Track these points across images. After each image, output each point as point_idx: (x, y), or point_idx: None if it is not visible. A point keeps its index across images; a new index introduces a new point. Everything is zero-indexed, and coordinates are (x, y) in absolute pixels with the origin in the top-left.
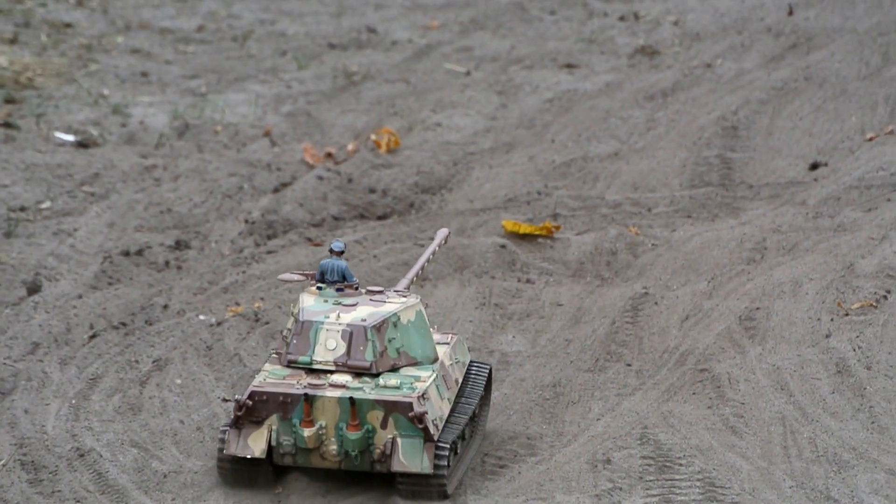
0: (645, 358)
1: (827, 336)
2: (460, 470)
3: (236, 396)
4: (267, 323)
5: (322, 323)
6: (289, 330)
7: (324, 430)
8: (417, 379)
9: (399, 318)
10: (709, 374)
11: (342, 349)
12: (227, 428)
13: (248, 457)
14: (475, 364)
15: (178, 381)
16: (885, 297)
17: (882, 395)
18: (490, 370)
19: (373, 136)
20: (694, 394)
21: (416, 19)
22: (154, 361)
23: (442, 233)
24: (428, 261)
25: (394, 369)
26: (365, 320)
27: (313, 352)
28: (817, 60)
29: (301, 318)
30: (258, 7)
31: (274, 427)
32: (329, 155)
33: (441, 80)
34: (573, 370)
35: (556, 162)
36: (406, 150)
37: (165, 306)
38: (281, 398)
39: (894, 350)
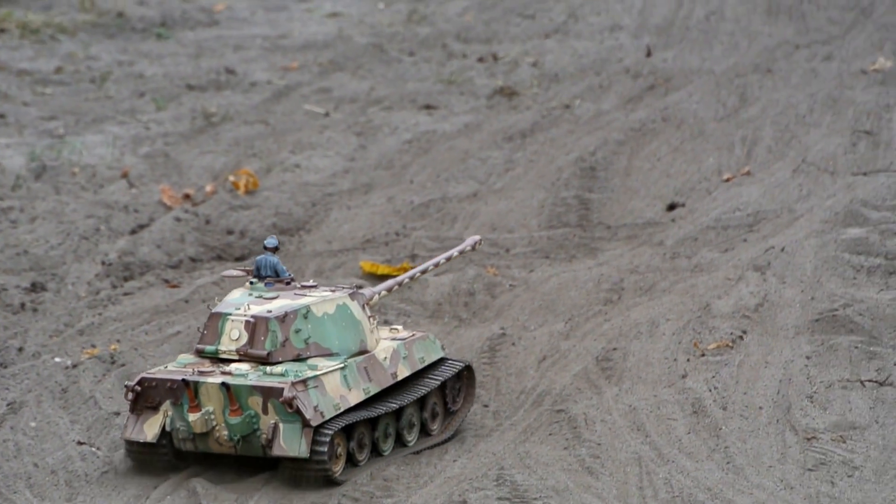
0: (502, 399)
1: (683, 376)
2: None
3: (126, 382)
4: (123, 365)
5: (230, 314)
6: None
7: (212, 416)
8: (314, 368)
9: (311, 311)
10: (565, 415)
11: (245, 339)
12: (129, 413)
13: (142, 441)
14: (449, 361)
15: (33, 424)
16: (741, 338)
17: (737, 436)
18: (466, 367)
19: (231, 178)
20: (550, 434)
21: (276, 60)
22: (8, 404)
23: (472, 239)
24: (437, 265)
25: (299, 359)
26: (270, 311)
27: (219, 342)
28: (675, 101)
29: (213, 310)
30: (116, 48)
31: (169, 413)
32: (187, 196)
33: (300, 121)
34: None
35: (415, 203)
36: (264, 191)
37: (20, 349)
38: (168, 384)
39: (749, 390)
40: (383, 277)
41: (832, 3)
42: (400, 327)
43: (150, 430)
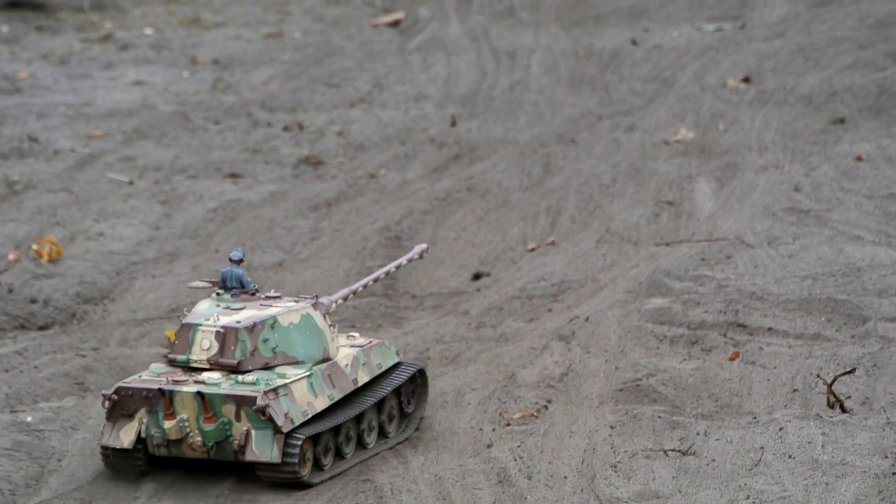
0: None
1: (489, 446)
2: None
3: (103, 391)
4: None
5: (200, 325)
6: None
7: (186, 423)
8: (283, 376)
9: (278, 320)
10: (371, 485)
11: (215, 348)
12: (105, 421)
13: (118, 447)
14: (403, 365)
15: None
16: (546, 407)
17: None
18: (419, 370)
19: (34, 246)
20: None
21: (79, 128)
22: None
23: (419, 247)
24: (388, 273)
25: (267, 367)
26: (239, 322)
27: (190, 351)
28: (480, 171)
29: (183, 321)
30: None
31: (144, 420)
32: None
33: (104, 189)
34: None
35: (220, 272)
36: (68, 259)
37: None
38: (143, 393)
39: (554, 459)
40: None
41: (634, 75)
42: (356, 334)
43: (126, 436)
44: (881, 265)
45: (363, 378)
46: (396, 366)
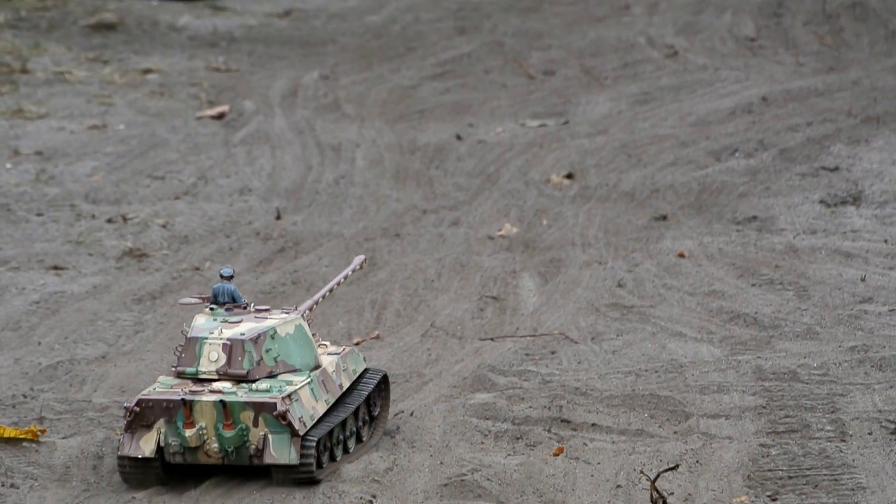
0: None
1: None
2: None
3: (125, 404)
4: None
5: (206, 338)
6: (182, 346)
7: (204, 431)
8: (289, 383)
9: (276, 332)
10: None
11: (223, 360)
12: (123, 432)
13: (140, 456)
14: (370, 371)
15: None
16: (370, 503)
17: None
18: (384, 376)
19: None
20: None
21: None
22: None
23: (358, 259)
24: (339, 284)
25: (271, 376)
26: (244, 334)
27: (198, 363)
28: (305, 264)
29: (189, 335)
30: None
31: (162, 430)
32: None
33: None
34: None
35: (43, 364)
36: None
37: None
38: (164, 404)
39: None
40: (10, 441)
41: (459, 170)
42: (328, 343)
43: (146, 446)
44: (703, 361)
45: (345, 383)
46: (365, 371)
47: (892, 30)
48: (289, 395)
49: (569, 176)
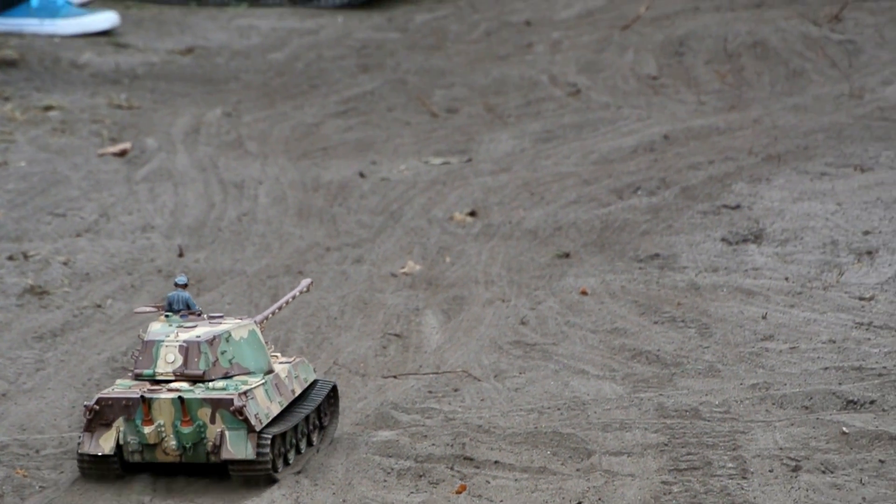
0: None
1: None
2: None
3: (85, 402)
4: None
5: (163, 341)
6: (138, 350)
7: (162, 428)
8: (245, 383)
9: (231, 335)
10: None
11: (180, 361)
12: (83, 431)
13: (99, 454)
14: (320, 381)
15: None
16: None
17: None
18: (333, 385)
19: None
20: None
21: None
22: None
23: (305, 282)
24: (287, 303)
25: (227, 377)
26: (199, 336)
27: (156, 365)
28: (208, 302)
29: (145, 339)
30: None
31: (121, 428)
32: None
33: None
34: None
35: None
36: None
37: None
38: (124, 402)
39: None
40: None
41: (362, 208)
42: (278, 354)
43: (105, 443)
44: (606, 399)
45: (297, 390)
46: (315, 382)
47: (792, 69)
48: (245, 393)
49: (472, 213)
